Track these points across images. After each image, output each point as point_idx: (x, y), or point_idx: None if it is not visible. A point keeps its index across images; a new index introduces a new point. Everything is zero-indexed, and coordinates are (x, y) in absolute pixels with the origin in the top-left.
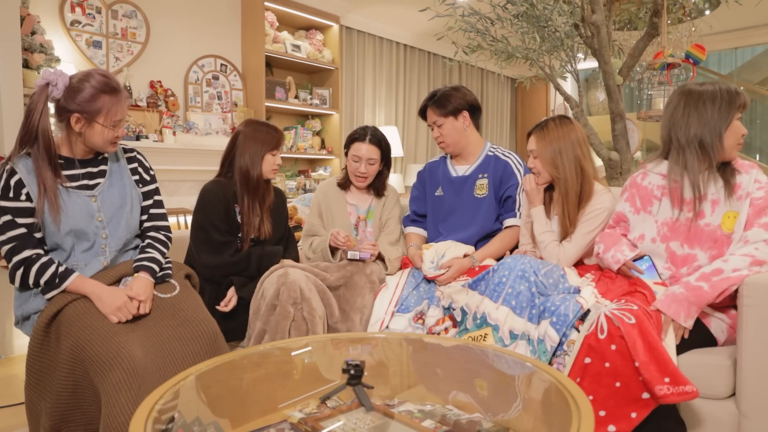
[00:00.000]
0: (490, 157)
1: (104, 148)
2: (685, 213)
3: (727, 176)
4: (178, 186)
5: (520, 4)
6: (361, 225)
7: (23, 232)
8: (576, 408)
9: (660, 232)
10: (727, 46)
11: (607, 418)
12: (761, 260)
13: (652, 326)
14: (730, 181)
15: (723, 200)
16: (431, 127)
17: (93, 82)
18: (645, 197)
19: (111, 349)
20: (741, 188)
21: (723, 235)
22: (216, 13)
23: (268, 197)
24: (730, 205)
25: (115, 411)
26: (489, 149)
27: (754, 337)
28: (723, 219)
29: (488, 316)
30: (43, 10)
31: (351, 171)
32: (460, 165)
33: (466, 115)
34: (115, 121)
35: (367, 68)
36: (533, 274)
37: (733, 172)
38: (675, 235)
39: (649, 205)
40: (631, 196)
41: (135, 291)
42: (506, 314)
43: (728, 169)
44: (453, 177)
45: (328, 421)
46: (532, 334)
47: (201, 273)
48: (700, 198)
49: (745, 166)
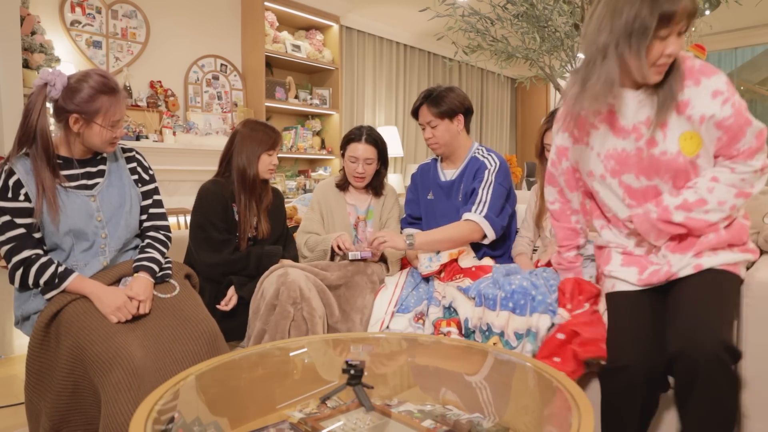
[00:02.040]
0: (473, 159)
1: (103, 148)
2: (632, 142)
3: (672, 88)
4: (178, 186)
5: (520, 4)
6: (361, 225)
7: (22, 233)
8: (576, 408)
9: (607, 167)
10: (727, 46)
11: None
12: (748, 192)
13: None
14: (675, 95)
15: (673, 119)
16: (423, 127)
17: (91, 82)
18: (581, 125)
19: (111, 349)
20: (691, 105)
21: (686, 162)
22: (216, 13)
23: (266, 197)
24: (682, 124)
25: (115, 411)
26: (475, 150)
27: (753, 337)
28: (680, 142)
29: (492, 326)
30: (43, 10)
31: (349, 172)
32: (449, 169)
33: (460, 118)
34: (114, 122)
35: (367, 68)
36: (518, 273)
37: (678, 81)
38: (626, 167)
39: (586, 135)
40: (567, 125)
41: (135, 291)
42: (507, 317)
43: (671, 78)
44: (441, 182)
45: (328, 421)
46: (534, 325)
47: (201, 272)
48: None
49: (693, 71)
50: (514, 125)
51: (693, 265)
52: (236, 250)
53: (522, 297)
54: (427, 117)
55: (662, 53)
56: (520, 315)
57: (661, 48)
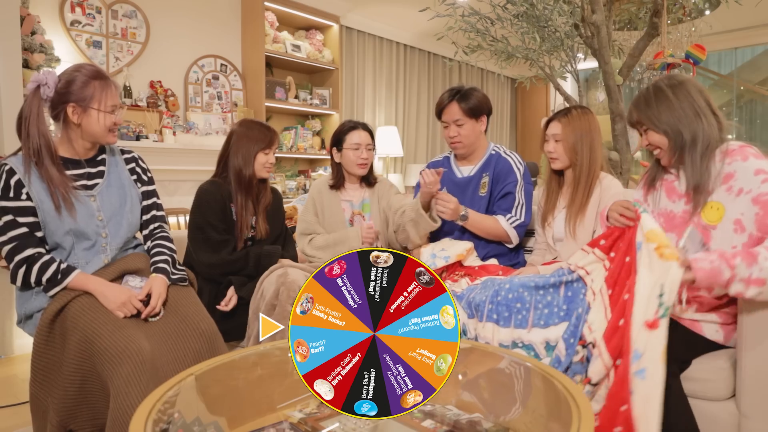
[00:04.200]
0: (493, 156)
1: (104, 137)
2: (695, 209)
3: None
4: (178, 186)
5: (520, 4)
6: (357, 219)
7: (25, 232)
8: (576, 408)
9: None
10: (727, 46)
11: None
12: None
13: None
14: (723, 168)
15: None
16: (447, 125)
17: (83, 71)
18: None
19: (120, 341)
20: (735, 178)
21: (700, 225)
22: (216, 13)
23: (264, 197)
24: (715, 195)
25: (126, 404)
26: (492, 148)
27: (753, 337)
28: (705, 208)
29: (479, 337)
30: (43, 10)
31: (351, 161)
32: (465, 166)
33: (484, 119)
34: (110, 106)
35: (367, 68)
36: (507, 283)
37: (724, 156)
38: (669, 227)
39: (651, 193)
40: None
41: (156, 290)
42: (492, 329)
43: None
44: (458, 179)
45: (328, 421)
46: (525, 339)
47: (200, 272)
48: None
49: (736, 151)
50: (514, 125)
51: None
52: (234, 250)
53: (506, 309)
54: (455, 115)
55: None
56: (504, 327)
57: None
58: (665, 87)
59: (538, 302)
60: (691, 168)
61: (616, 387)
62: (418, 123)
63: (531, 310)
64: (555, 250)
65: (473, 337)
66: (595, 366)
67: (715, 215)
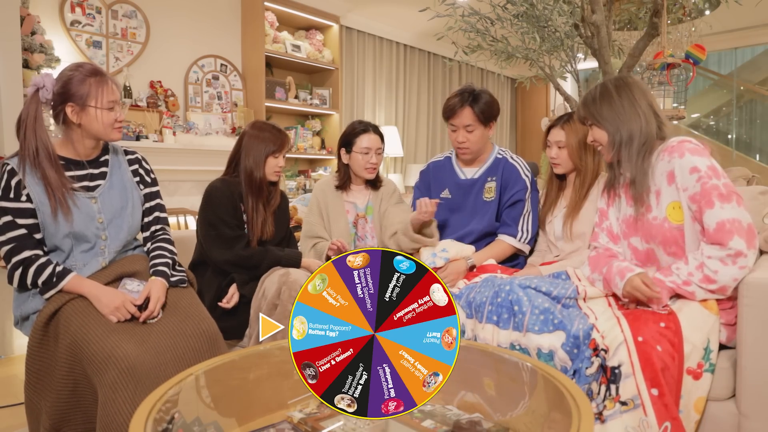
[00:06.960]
0: (499, 160)
1: (107, 134)
2: (638, 208)
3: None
4: (178, 186)
5: (520, 4)
6: (361, 222)
7: (23, 233)
8: (576, 408)
9: (621, 229)
10: (727, 46)
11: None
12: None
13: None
14: (666, 166)
15: (664, 189)
16: (456, 129)
17: (79, 70)
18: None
19: (105, 348)
20: (675, 175)
21: (672, 228)
22: (216, 13)
23: (274, 199)
24: (671, 194)
25: (113, 411)
26: (498, 152)
27: (753, 337)
28: (668, 210)
29: (478, 338)
30: (43, 10)
31: (360, 165)
32: (468, 168)
33: (493, 125)
34: (109, 102)
35: (367, 68)
36: (508, 284)
37: (665, 154)
38: (632, 231)
39: (614, 200)
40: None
41: (155, 293)
42: (492, 331)
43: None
44: (461, 180)
45: (328, 421)
46: (522, 342)
47: (215, 268)
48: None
49: (675, 147)
50: (514, 125)
51: None
52: (248, 245)
53: (506, 311)
54: (467, 120)
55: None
56: (503, 329)
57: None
58: (611, 86)
59: (535, 307)
60: (628, 163)
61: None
62: (418, 123)
63: (527, 314)
64: (556, 247)
65: (472, 338)
66: (626, 386)
67: (678, 214)
